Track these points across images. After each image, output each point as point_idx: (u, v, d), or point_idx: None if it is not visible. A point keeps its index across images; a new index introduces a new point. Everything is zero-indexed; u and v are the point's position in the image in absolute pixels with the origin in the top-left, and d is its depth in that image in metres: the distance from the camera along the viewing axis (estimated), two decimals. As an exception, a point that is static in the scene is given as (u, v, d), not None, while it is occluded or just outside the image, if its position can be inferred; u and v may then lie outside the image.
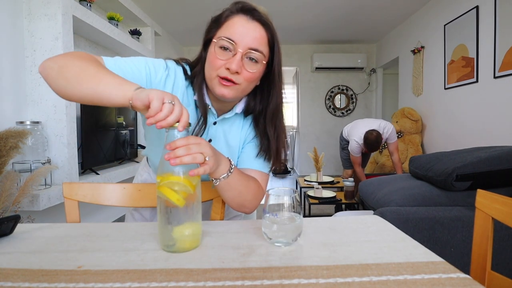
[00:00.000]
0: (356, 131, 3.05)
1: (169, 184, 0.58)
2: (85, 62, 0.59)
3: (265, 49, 0.71)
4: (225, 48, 0.68)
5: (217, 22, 0.71)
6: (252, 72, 0.70)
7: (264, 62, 0.72)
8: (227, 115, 0.79)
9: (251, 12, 0.69)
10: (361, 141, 2.95)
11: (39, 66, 0.62)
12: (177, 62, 0.77)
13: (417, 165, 1.51)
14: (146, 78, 0.70)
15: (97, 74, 0.57)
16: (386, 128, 3.01)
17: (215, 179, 0.68)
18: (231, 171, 0.68)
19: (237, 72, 0.68)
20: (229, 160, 0.70)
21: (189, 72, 0.77)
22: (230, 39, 0.67)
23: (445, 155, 1.46)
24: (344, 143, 3.32)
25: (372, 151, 2.98)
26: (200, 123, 0.75)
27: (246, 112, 0.81)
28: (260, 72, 0.72)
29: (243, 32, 0.68)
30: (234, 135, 0.82)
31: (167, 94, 0.53)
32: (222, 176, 0.67)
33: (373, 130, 2.89)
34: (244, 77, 0.69)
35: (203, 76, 0.74)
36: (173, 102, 0.53)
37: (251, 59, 0.69)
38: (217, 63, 0.68)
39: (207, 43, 0.73)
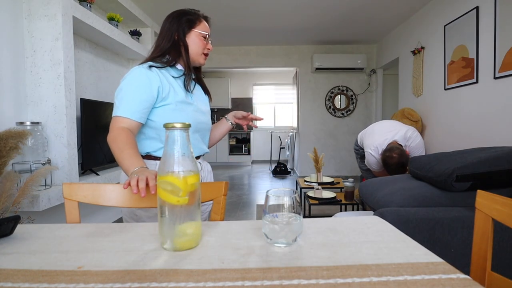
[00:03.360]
0: (371, 140, 2.38)
1: (165, 184, 0.59)
2: (118, 148, 0.91)
3: None
4: (204, 38, 1.11)
5: (191, 23, 1.09)
6: None
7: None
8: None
9: (206, 18, 1.15)
10: (378, 155, 2.29)
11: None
12: (150, 66, 1.04)
13: (417, 165, 1.51)
14: (158, 95, 1.02)
15: (121, 160, 0.89)
16: (412, 139, 2.26)
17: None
18: None
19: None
20: None
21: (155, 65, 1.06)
22: (206, 33, 1.12)
23: (445, 156, 1.46)
24: (361, 151, 2.64)
25: (395, 173, 2.18)
26: (193, 82, 1.15)
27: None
28: None
29: (208, 29, 1.14)
30: (201, 94, 1.21)
31: (142, 174, 0.77)
32: None
33: (393, 150, 2.16)
34: None
35: (188, 54, 1.10)
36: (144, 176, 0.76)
37: None
38: (202, 45, 1.11)
39: (183, 33, 1.09)
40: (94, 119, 2.42)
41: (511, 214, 0.62)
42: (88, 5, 2.31)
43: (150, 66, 1.03)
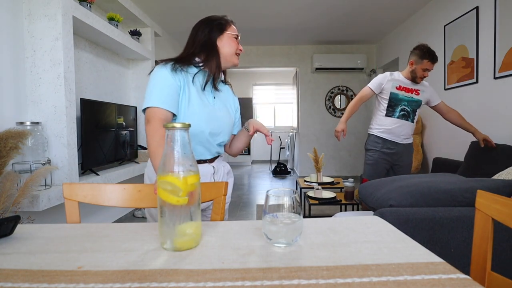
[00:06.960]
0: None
1: (165, 184, 0.59)
2: (154, 145, 0.97)
3: None
4: (236, 39, 1.17)
5: (222, 26, 1.15)
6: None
7: None
8: (221, 79, 1.24)
9: (233, 23, 1.20)
10: (398, 75, 2.37)
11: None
12: (174, 65, 1.07)
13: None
14: (179, 94, 1.06)
15: (153, 158, 0.97)
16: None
17: None
18: None
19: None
20: None
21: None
22: (238, 34, 1.18)
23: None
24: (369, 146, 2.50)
25: (434, 61, 2.23)
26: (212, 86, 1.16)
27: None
28: None
29: (237, 31, 1.19)
30: (227, 97, 1.27)
31: None
32: None
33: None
34: None
35: (218, 57, 1.15)
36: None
37: None
38: (235, 46, 1.16)
39: (215, 37, 1.14)
40: (94, 119, 2.42)
41: (511, 214, 0.63)
42: (88, 5, 2.31)
43: (174, 65, 1.06)
